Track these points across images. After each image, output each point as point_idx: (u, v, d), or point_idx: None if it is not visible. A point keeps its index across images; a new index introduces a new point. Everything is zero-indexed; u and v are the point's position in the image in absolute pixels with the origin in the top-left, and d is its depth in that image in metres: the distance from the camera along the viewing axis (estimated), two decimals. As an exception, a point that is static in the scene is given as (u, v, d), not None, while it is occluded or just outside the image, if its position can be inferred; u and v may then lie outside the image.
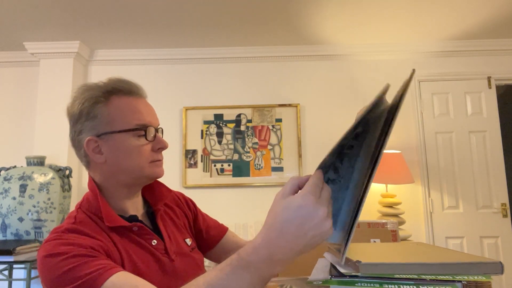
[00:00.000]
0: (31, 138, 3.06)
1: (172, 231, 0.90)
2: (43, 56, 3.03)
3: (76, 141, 0.83)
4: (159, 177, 0.85)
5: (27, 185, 2.41)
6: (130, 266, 0.74)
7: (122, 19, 2.66)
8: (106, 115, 0.80)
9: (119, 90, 0.82)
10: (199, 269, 0.90)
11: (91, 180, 0.83)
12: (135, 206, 0.87)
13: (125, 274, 0.66)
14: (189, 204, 1.02)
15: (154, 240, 0.82)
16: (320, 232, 0.50)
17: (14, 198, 2.38)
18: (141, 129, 0.81)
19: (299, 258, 0.52)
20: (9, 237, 2.38)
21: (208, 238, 1.01)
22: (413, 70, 0.52)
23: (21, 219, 2.36)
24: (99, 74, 3.21)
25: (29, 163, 2.58)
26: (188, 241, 0.92)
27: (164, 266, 0.80)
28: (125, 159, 0.80)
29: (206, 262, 1.05)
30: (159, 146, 0.84)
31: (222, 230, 1.04)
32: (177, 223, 0.94)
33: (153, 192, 0.92)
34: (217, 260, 1.04)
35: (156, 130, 0.85)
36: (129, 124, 0.80)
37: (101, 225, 0.77)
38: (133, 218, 0.83)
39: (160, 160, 0.85)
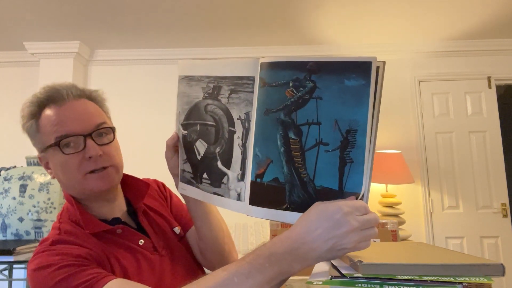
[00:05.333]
0: (31, 138, 3.05)
1: (157, 224, 0.87)
2: (43, 56, 3.03)
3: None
4: (99, 191, 0.77)
5: (27, 185, 2.40)
6: (119, 271, 0.73)
7: (122, 19, 2.65)
8: (39, 131, 0.77)
9: (50, 100, 0.78)
10: (190, 258, 0.88)
11: (65, 191, 0.82)
12: (116, 209, 0.84)
13: (117, 282, 0.65)
14: (161, 189, 0.99)
15: (141, 240, 0.80)
16: (343, 243, 0.51)
17: (14, 198, 2.37)
18: (58, 143, 0.74)
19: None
20: (9, 237, 2.38)
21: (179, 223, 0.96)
22: (383, 62, 0.50)
23: (21, 219, 2.36)
24: (99, 74, 3.21)
25: (29, 163, 2.58)
26: (177, 229, 0.90)
27: (155, 264, 0.79)
28: (61, 174, 0.77)
29: None
30: (88, 155, 0.74)
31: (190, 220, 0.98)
32: (163, 214, 0.91)
33: (131, 189, 0.89)
34: None
35: (89, 135, 0.76)
36: (49, 139, 0.75)
37: (85, 232, 0.75)
38: (115, 221, 0.80)
39: (96, 172, 0.76)
